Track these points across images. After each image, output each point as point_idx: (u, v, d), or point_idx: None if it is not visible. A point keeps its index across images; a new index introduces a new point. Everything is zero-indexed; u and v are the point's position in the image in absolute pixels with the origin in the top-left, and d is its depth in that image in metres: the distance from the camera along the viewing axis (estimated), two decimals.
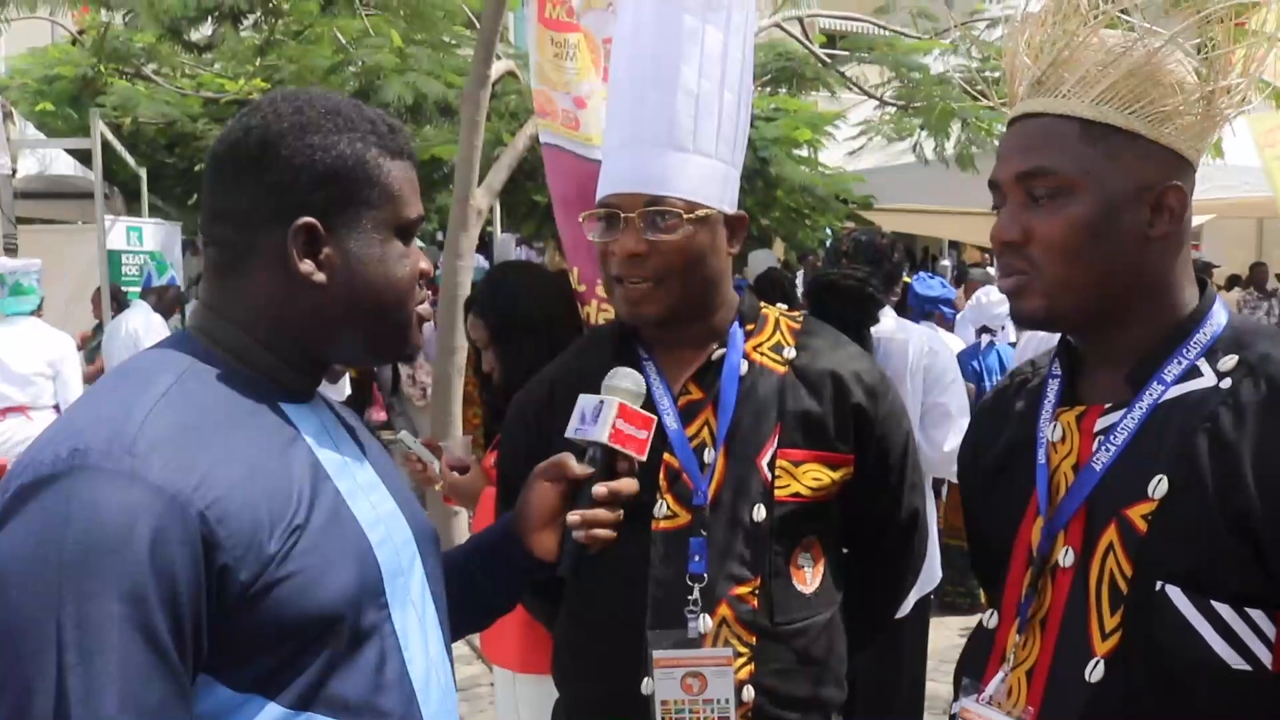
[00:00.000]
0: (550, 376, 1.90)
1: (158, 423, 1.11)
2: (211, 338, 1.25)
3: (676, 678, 1.64)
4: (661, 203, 1.69)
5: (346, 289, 1.24)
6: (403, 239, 1.29)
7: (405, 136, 1.31)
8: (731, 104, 1.77)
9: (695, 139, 1.72)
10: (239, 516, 1.11)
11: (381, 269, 1.26)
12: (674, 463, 1.73)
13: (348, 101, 1.29)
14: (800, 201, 8.63)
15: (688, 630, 1.68)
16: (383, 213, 1.26)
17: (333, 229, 1.23)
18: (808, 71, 6.78)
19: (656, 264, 1.70)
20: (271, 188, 1.22)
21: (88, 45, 8.77)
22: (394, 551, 1.28)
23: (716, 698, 1.66)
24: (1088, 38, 1.33)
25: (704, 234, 1.72)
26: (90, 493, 1.05)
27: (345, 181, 1.24)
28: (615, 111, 1.82)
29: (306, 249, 1.23)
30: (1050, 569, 1.35)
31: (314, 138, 1.23)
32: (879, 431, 1.82)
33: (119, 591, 1.03)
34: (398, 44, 6.64)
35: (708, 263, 1.74)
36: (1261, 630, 1.23)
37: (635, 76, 1.78)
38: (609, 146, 1.81)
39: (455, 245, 5.17)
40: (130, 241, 8.65)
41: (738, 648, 1.68)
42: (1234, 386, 1.29)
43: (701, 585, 1.69)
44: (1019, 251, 1.34)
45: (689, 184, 1.71)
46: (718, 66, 1.76)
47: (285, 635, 1.14)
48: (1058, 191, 1.32)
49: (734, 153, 1.79)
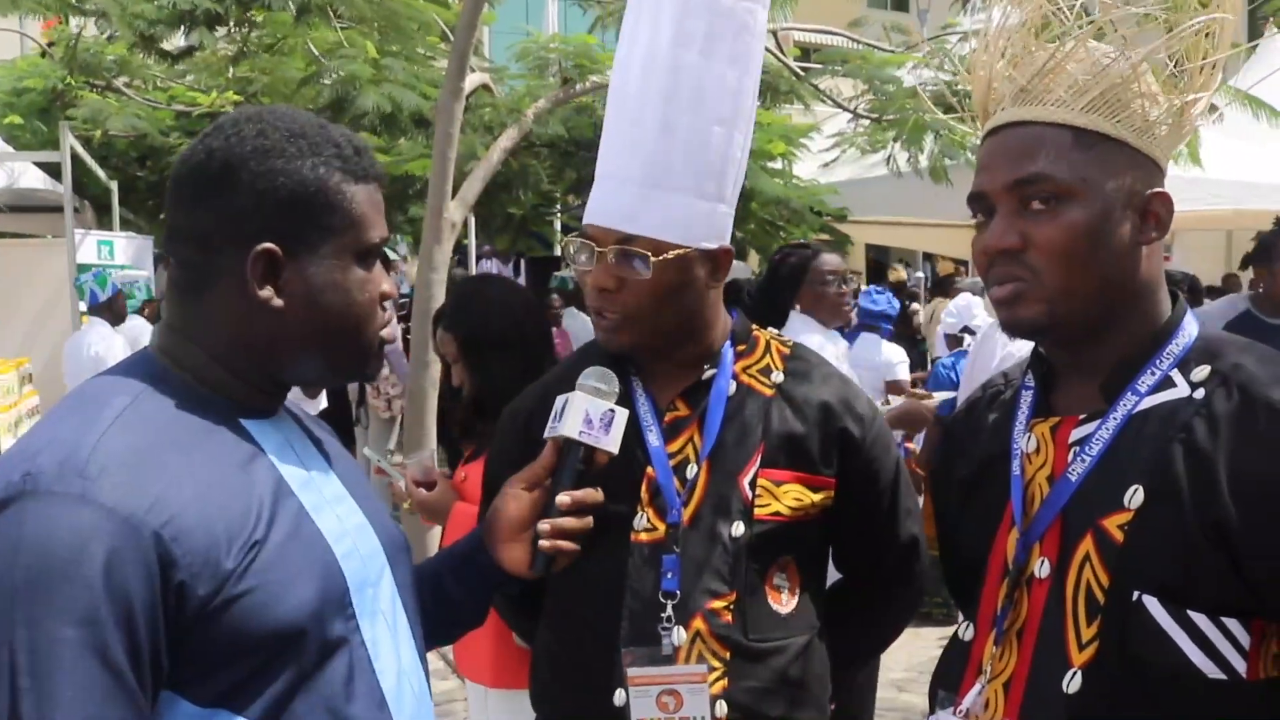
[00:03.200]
0: (544, 385, 1.91)
1: (110, 445, 1.12)
2: (172, 357, 1.26)
3: (652, 696, 1.64)
4: (631, 242, 1.70)
5: (305, 314, 1.25)
6: (364, 263, 1.29)
7: (371, 158, 1.30)
8: (721, 138, 1.75)
9: (672, 175, 1.72)
10: (194, 534, 1.11)
11: (341, 295, 1.26)
12: (655, 478, 1.74)
13: (313, 122, 1.28)
14: (775, 214, 8.65)
15: (661, 646, 1.68)
16: (344, 238, 1.26)
17: (293, 254, 1.23)
18: (782, 85, 6.79)
19: (626, 300, 1.72)
20: (233, 212, 1.22)
21: (57, 58, 8.69)
22: (361, 563, 1.28)
23: (693, 715, 1.65)
24: (1076, 48, 1.34)
25: (673, 273, 1.72)
26: (41, 517, 1.06)
27: (307, 207, 1.23)
28: (607, 137, 1.82)
29: (266, 274, 1.23)
30: (1026, 580, 1.35)
31: (276, 162, 1.22)
32: (867, 456, 1.82)
33: (72, 615, 1.03)
34: (373, 55, 6.62)
35: (679, 301, 1.74)
36: (1237, 640, 1.24)
37: (620, 109, 1.79)
38: (599, 172, 1.81)
39: (429, 258, 5.15)
40: (101, 255, 8.57)
41: (711, 663, 1.68)
42: (1207, 397, 1.29)
43: (674, 602, 1.69)
44: (1016, 259, 1.34)
45: (661, 223, 1.70)
46: (709, 102, 1.74)
47: (248, 649, 1.14)
48: (1055, 198, 1.32)
49: (722, 187, 1.77)
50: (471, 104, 6.43)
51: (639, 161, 1.73)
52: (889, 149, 6.57)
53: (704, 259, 1.75)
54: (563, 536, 1.50)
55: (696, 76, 1.73)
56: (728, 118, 1.76)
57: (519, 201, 9.11)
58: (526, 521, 1.52)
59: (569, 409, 1.54)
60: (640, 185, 1.72)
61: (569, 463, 1.53)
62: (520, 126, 5.94)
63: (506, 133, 5.90)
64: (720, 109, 1.74)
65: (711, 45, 1.73)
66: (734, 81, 1.76)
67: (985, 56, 1.42)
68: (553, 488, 1.53)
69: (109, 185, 9.01)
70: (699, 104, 1.73)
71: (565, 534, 1.50)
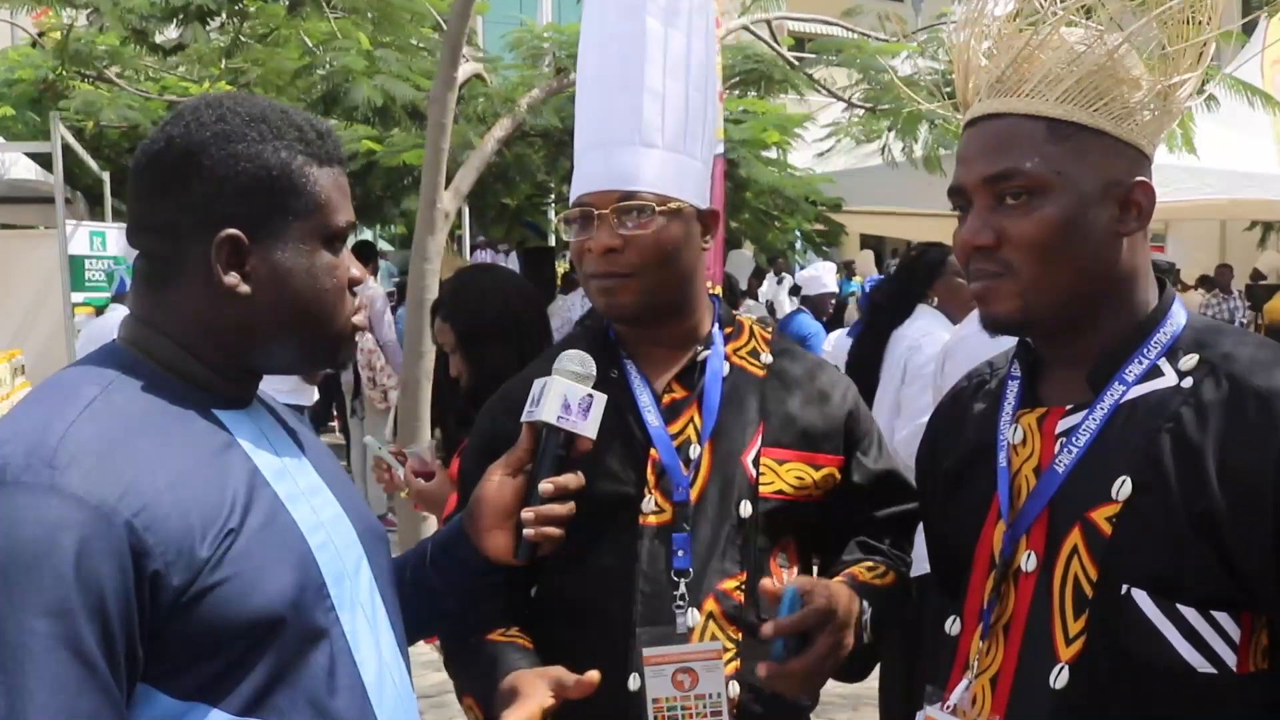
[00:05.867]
0: (529, 375, 1.90)
1: (79, 435, 1.10)
2: (141, 348, 1.24)
3: (667, 675, 1.63)
4: (633, 197, 1.72)
5: (273, 301, 1.23)
6: (331, 248, 1.27)
7: (334, 141, 1.29)
8: (698, 103, 1.81)
9: (664, 135, 1.76)
10: (167, 522, 1.09)
11: (309, 280, 1.25)
12: (660, 459, 1.74)
13: (273, 107, 1.26)
14: (769, 203, 8.62)
15: (676, 626, 1.68)
16: (309, 222, 1.24)
17: (258, 240, 1.22)
18: (776, 74, 6.75)
19: (631, 257, 1.72)
20: (195, 199, 1.20)
21: (48, 48, 8.65)
22: (336, 555, 1.27)
23: (709, 693, 1.64)
24: (1049, 36, 1.32)
25: (677, 226, 1.75)
26: (9, 508, 1.04)
27: (270, 192, 1.22)
28: (584, 115, 1.85)
29: (231, 261, 1.21)
30: (1013, 574, 1.34)
31: (238, 146, 1.21)
32: (863, 430, 1.85)
33: (42, 607, 1.02)
34: (366, 46, 6.58)
35: (682, 255, 1.76)
36: (1226, 633, 1.23)
37: (602, 80, 1.83)
38: (580, 149, 1.84)
39: (422, 249, 5.13)
40: (94, 246, 8.53)
41: (724, 643, 1.68)
42: (1195, 386, 1.28)
43: (687, 580, 1.69)
44: (991, 255, 1.33)
45: (659, 178, 1.74)
46: (682, 67, 1.80)
47: (225, 640, 1.13)
48: (1029, 192, 1.30)
49: (704, 150, 1.83)
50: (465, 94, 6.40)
51: (631, 123, 1.76)
52: (884, 139, 6.54)
53: (698, 218, 1.79)
54: (547, 523, 1.49)
55: (670, 44, 1.79)
56: (701, 86, 1.82)
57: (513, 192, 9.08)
58: (509, 508, 1.50)
59: (546, 394, 1.53)
60: (635, 145, 1.75)
61: (549, 449, 1.52)
62: (514, 117, 5.91)
63: (500, 123, 5.87)
64: (694, 77, 1.81)
65: (676, 18, 1.81)
66: (701, 52, 1.83)
67: (965, 46, 1.41)
68: (534, 474, 1.51)
69: (101, 176, 8.97)
70: (677, 70, 1.79)
71: (550, 520, 1.49)
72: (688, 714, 1.63)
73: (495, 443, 1.78)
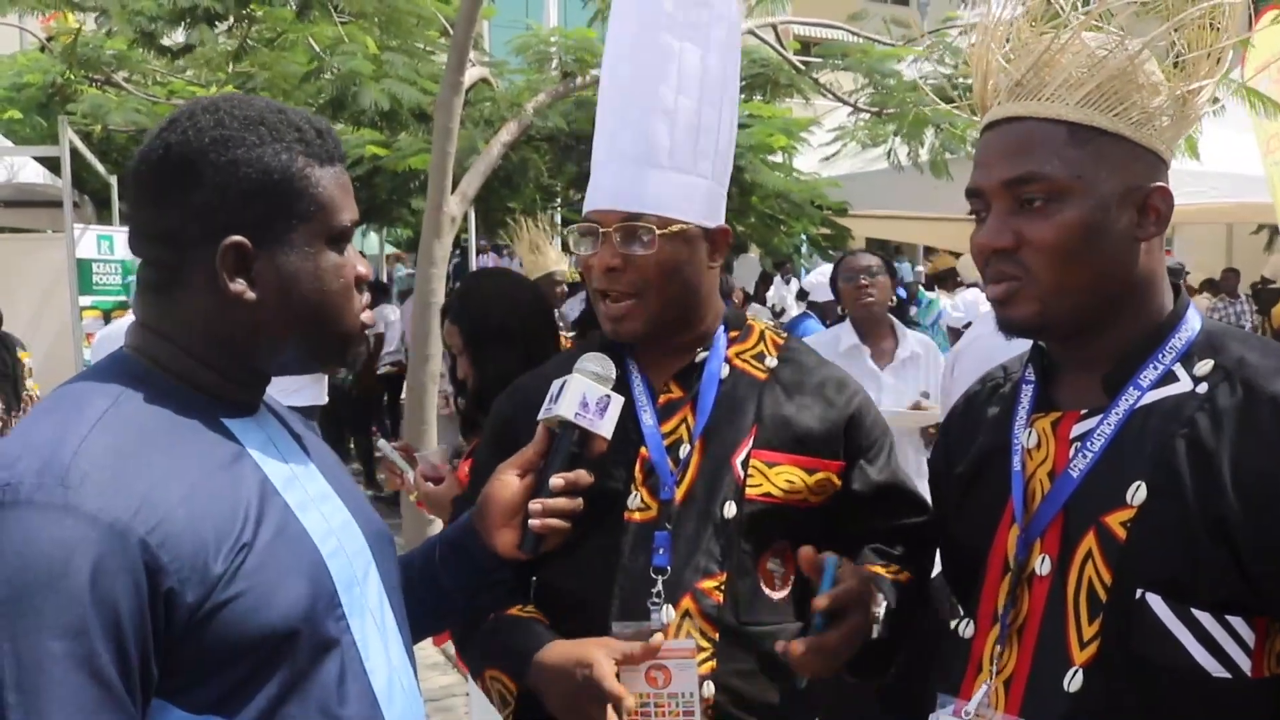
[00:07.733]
0: (542, 374, 1.91)
1: (91, 450, 1.09)
2: (149, 357, 1.23)
3: (640, 671, 1.63)
4: (637, 219, 1.74)
5: (281, 305, 1.22)
6: (336, 247, 1.26)
7: (334, 139, 1.27)
8: (712, 120, 1.81)
9: (671, 155, 1.77)
10: (182, 539, 1.08)
11: (315, 282, 1.24)
12: (649, 457, 1.76)
13: (270, 107, 1.24)
14: (775, 208, 8.62)
15: (651, 622, 1.69)
16: (314, 224, 1.23)
17: (263, 245, 1.20)
18: (782, 78, 6.77)
19: (632, 278, 1.74)
20: (197, 208, 1.19)
21: (56, 52, 8.66)
22: (347, 561, 1.26)
23: (681, 691, 1.64)
24: (1070, 41, 1.32)
25: (679, 249, 1.75)
26: (23, 528, 1.03)
27: (273, 196, 1.20)
28: (600, 129, 1.86)
29: (237, 267, 1.20)
30: (1027, 578, 1.34)
31: (237, 152, 1.19)
32: (869, 438, 1.83)
33: (58, 627, 1.01)
34: (373, 50, 6.60)
35: (684, 276, 1.77)
36: (1241, 638, 1.22)
37: (616, 95, 1.84)
38: (594, 162, 1.85)
39: (429, 252, 5.14)
40: (101, 250, 8.55)
41: (700, 642, 1.68)
42: (1210, 391, 1.28)
43: (665, 578, 1.71)
44: (1010, 258, 1.33)
45: (663, 200, 1.75)
46: (696, 84, 1.79)
47: (239, 654, 1.12)
48: (1050, 196, 1.30)
49: (716, 167, 1.83)
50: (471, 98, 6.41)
51: (639, 143, 1.77)
52: (889, 143, 6.54)
53: (704, 237, 1.79)
54: (554, 516, 1.50)
55: (685, 61, 1.78)
56: (716, 101, 1.81)
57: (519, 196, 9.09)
58: (518, 506, 1.51)
59: (566, 391, 1.55)
60: (641, 165, 1.76)
61: (562, 445, 1.53)
62: (520, 120, 5.92)
63: (506, 127, 5.88)
64: (709, 93, 1.80)
65: (694, 32, 1.80)
66: (718, 67, 1.82)
67: (983, 49, 1.41)
68: (545, 470, 1.53)
69: (108, 180, 8.98)
70: (690, 87, 1.78)
71: (556, 514, 1.50)
72: (660, 711, 1.63)
73: (507, 429, 1.82)
